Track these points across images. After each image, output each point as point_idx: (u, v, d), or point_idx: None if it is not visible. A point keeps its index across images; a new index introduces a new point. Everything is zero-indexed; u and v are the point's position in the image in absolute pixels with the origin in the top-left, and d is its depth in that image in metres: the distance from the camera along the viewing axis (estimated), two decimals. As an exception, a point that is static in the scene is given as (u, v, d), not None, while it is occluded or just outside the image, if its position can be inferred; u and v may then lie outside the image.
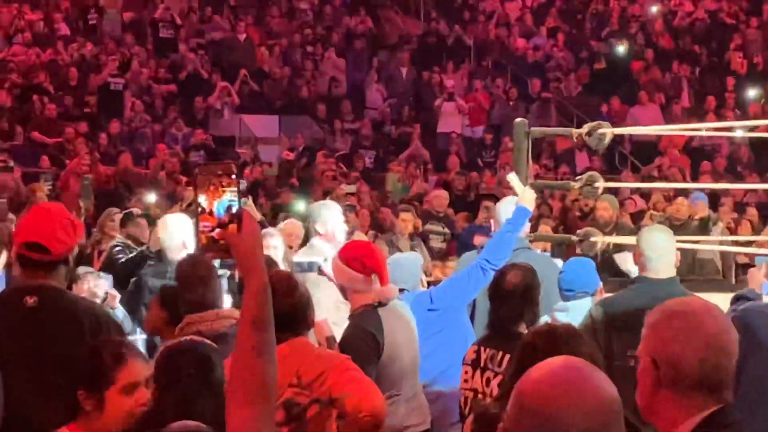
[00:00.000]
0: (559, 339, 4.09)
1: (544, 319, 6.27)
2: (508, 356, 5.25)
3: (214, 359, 4.17)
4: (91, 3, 22.64)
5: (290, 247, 8.94)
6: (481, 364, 5.44)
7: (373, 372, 5.27)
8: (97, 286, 8.20)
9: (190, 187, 16.05)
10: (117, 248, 9.74)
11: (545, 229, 12.47)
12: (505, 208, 7.45)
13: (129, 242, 10.00)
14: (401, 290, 6.28)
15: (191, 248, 7.57)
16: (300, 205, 14.52)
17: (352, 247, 5.96)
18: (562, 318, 6.25)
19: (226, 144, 20.18)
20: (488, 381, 5.34)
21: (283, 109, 21.41)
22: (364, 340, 5.56)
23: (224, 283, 6.34)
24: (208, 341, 4.45)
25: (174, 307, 5.51)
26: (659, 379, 2.86)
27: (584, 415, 2.21)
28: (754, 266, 7.27)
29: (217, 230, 2.84)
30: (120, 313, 7.96)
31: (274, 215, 14.80)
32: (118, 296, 8.24)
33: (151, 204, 13.61)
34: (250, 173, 17.35)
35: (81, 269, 8.67)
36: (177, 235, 7.95)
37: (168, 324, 5.59)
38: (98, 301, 7.69)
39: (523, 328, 5.43)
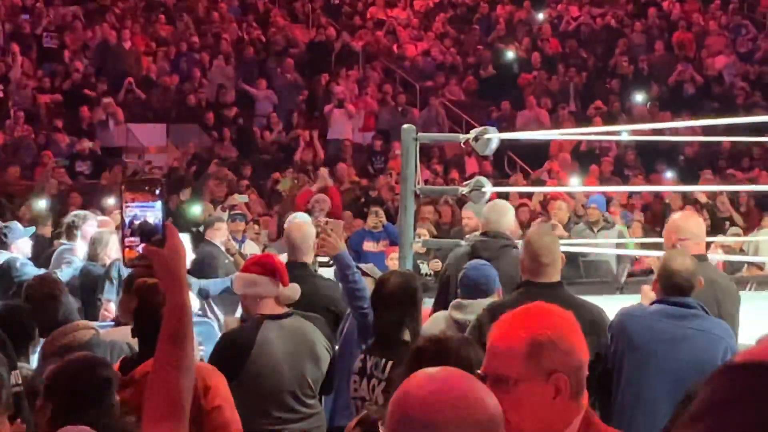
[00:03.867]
0: (450, 347, 4.05)
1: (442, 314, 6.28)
2: (391, 363, 5.28)
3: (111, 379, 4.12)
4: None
5: None
6: (367, 372, 5.41)
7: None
8: None
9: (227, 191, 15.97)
10: None
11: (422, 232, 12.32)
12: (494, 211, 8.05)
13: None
14: None
15: None
16: (193, 212, 14.39)
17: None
18: (458, 315, 6.24)
19: (113, 154, 19.88)
20: (374, 388, 5.32)
21: (170, 118, 21.16)
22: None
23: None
24: (103, 360, 4.40)
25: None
26: (569, 391, 2.81)
27: (472, 427, 2.15)
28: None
29: (142, 245, 2.85)
30: None
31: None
32: None
33: (40, 213, 13.39)
34: (161, 178, 17.09)
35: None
36: None
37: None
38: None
39: (407, 335, 5.42)
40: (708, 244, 13.04)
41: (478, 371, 2.80)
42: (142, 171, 17.96)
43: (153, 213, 2.88)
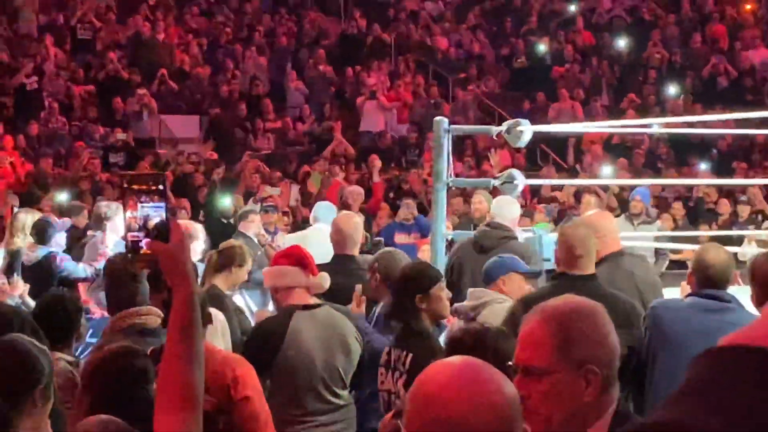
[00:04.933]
0: (487, 338, 4.05)
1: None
2: (411, 355, 5.26)
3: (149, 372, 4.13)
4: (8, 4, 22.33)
5: None
6: (392, 365, 5.42)
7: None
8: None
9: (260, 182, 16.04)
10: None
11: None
12: (498, 204, 8.47)
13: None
14: None
15: None
16: (224, 204, 14.42)
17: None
18: (459, 305, 6.22)
19: (146, 145, 19.97)
20: (397, 381, 5.33)
21: (203, 109, 21.23)
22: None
23: None
24: (141, 350, 4.41)
25: None
26: (600, 383, 2.80)
27: (493, 415, 2.13)
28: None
29: (146, 240, 2.87)
30: None
31: (195, 214, 14.72)
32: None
33: (62, 204, 13.46)
34: (172, 173, 17.16)
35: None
36: None
37: None
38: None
39: (421, 324, 5.39)
40: (742, 238, 13.08)
41: (509, 363, 2.80)
42: (176, 162, 18.02)
43: (158, 209, 2.90)
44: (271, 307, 7.86)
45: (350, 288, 6.51)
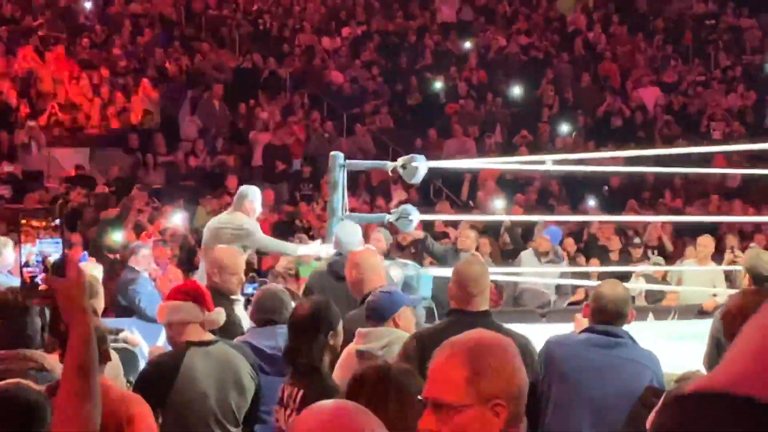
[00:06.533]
0: (390, 375, 4.03)
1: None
2: (302, 392, 5.27)
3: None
4: None
5: None
6: (284, 402, 5.41)
7: None
8: None
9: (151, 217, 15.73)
10: None
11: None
12: (345, 232, 8.53)
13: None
14: None
15: None
16: (114, 239, 14.19)
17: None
18: (359, 346, 6.17)
19: (34, 178, 19.62)
20: (288, 418, 5.28)
21: (93, 142, 20.94)
22: None
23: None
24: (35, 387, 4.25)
25: None
26: (507, 418, 2.81)
27: None
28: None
29: (42, 275, 2.85)
30: None
31: (85, 247, 14.46)
32: None
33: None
34: (60, 208, 16.87)
35: None
36: None
37: None
38: None
39: (317, 361, 5.38)
40: (629, 273, 13.27)
41: (419, 397, 2.82)
42: (63, 196, 17.73)
43: (54, 244, 2.86)
44: (161, 342, 7.75)
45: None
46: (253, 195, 10.26)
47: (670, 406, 1.11)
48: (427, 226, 17.10)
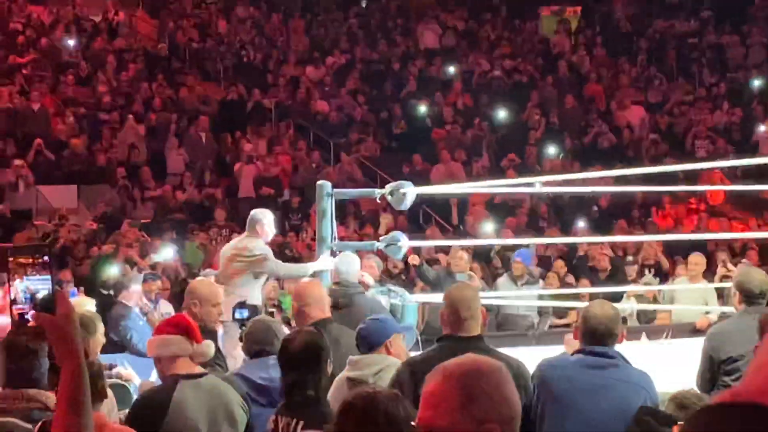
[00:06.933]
0: (378, 402, 4.03)
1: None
2: (302, 423, 5.28)
3: None
4: None
5: None
6: None
7: None
8: None
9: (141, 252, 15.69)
10: None
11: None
12: (342, 261, 8.88)
13: None
14: None
15: None
16: (108, 274, 14.12)
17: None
18: (350, 373, 6.17)
19: (23, 217, 19.55)
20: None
21: (81, 179, 20.89)
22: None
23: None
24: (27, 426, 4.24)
25: None
26: None
27: None
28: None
29: (32, 313, 2.86)
30: None
31: (77, 284, 14.42)
32: None
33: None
34: (48, 245, 16.83)
35: None
36: None
37: None
38: None
39: (320, 392, 5.42)
40: (621, 293, 13.26)
41: (412, 423, 2.81)
42: (54, 233, 17.68)
43: (43, 281, 2.88)
44: (153, 377, 7.71)
45: None
46: (266, 217, 10.23)
47: (698, 418, 1.10)
48: (416, 252, 17.13)
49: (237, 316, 7.92)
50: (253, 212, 10.44)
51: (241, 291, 9.58)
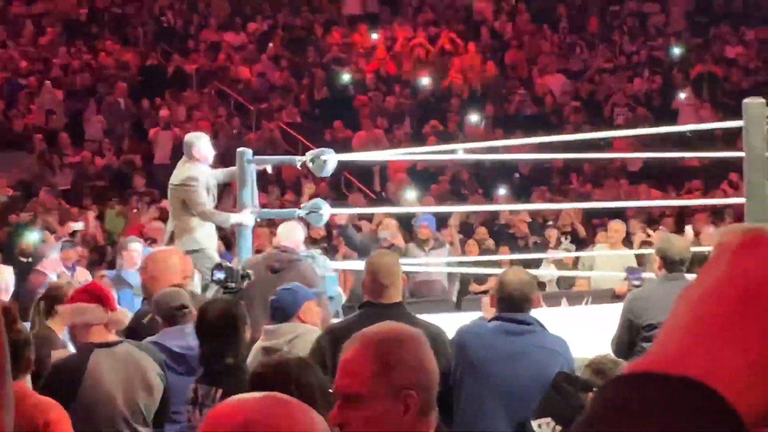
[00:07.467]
0: (289, 370, 4.02)
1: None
2: (221, 391, 5.30)
3: None
4: None
5: None
6: (199, 401, 5.43)
7: None
8: None
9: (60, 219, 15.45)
10: None
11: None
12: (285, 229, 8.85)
13: None
14: None
15: None
16: (27, 241, 13.90)
17: None
18: (265, 343, 6.17)
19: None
20: (205, 418, 5.24)
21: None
22: None
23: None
24: None
25: None
26: (418, 408, 2.79)
27: None
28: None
29: None
30: None
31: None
32: None
33: None
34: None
35: None
36: None
37: None
38: None
39: (241, 361, 5.43)
40: (540, 260, 13.35)
41: (330, 390, 2.82)
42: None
43: None
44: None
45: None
46: (200, 140, 10.13)
47: (607, 389, 1.08)
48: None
49: (215, 277, 7.83)
50: (186, 137, 10.37)
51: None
